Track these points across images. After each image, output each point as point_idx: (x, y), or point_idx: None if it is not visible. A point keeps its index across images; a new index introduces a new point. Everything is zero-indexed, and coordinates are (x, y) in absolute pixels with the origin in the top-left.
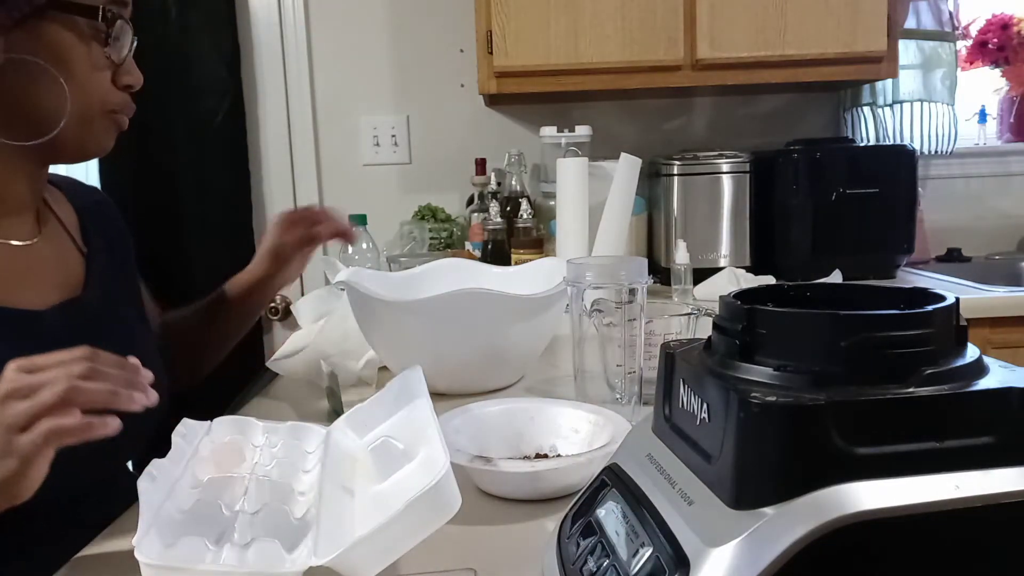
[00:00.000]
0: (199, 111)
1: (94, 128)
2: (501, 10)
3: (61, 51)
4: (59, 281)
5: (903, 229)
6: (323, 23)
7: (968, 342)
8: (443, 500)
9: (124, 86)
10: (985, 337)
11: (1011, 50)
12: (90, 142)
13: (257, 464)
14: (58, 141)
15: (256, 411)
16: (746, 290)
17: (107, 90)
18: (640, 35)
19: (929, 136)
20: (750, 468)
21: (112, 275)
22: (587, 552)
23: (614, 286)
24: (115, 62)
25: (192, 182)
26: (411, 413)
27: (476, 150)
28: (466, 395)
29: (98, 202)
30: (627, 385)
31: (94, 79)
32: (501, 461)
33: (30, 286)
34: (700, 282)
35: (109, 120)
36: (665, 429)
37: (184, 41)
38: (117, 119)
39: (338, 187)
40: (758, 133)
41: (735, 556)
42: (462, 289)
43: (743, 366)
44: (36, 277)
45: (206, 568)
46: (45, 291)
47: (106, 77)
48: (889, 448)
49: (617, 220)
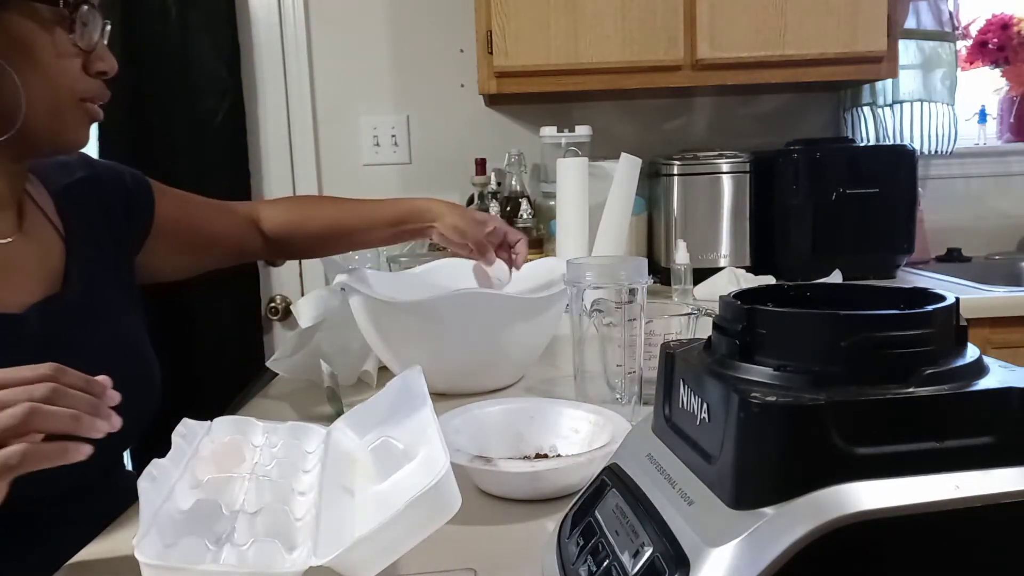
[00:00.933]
0: (199, 111)
1: (66, 119)
2: (501, 10)
3: (23, 41)
4: (41, 276)
5: (903, 229)
6: (323, 23)
7: (968, 342)
8: (443, 500)
9: (97, 72)
10: (985, 337)
11: (1011, 50)
12: (64, 134)
13: (257, 464)
14: (29, 134)
15: (256, 411)
16: (746, 290)
17: (76, 78)
18: (640, 35)
19: (929, 136)
20: (750, 468)
21: (95, 259)
22: (587, 552)
23: (614, 286)
24: (83, 49)
25: (192, 182)
26: (411, 413)
27: (476, 150)
28: (466, 395)
29: (79, 179)
30: (627, 385)
31: (61, 67)
32: (501, 461)
33: (9, 286)
34: (700, 282)
35: (81, 110)
36: (665, 429)
37: (184, 41)
38: (90, 109)
39: (338, 187)
40: (758, 133)
41: (735, 556)
42: (462, 289)
43: (743, 366)
44: (16, 276)
45: (206, 568)
46: (27, 289)
47: (74, 65)
48: (889, 448)
49: (617, 220)
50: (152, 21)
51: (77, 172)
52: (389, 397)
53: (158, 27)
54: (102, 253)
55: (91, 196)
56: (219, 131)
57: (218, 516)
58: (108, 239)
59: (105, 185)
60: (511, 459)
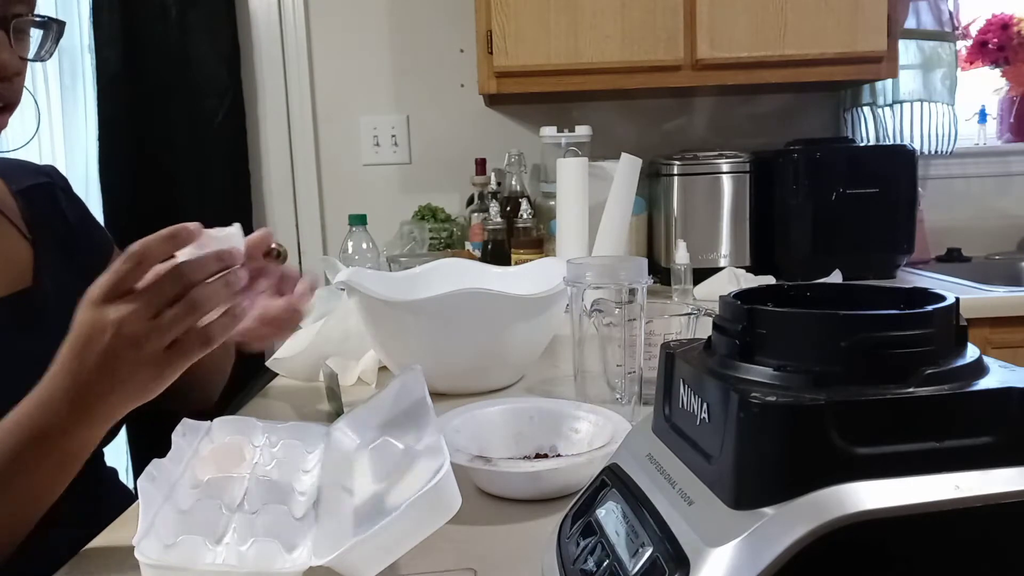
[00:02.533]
0: (199, 111)
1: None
2: (501, 10)
3: None
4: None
5: (903, 229)
6: (323, 23)
7: (968, 342)
8: (443, 500)
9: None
10: (985, 337)
11: (1011, 50)
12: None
13: (257, 464)
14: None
15: (256, 411)
16: (746, 290)
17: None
18: (640, 35)
19: (929, 136)
20: (750, 468)
21: (63, 262)
22: (587, 552)
23: (614, 286)
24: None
25: (192, 182)
26: (411, 414)
27: (476, 150)
28: (466, 395)
29: (41, 184)
30: (627, 385)
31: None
32: (501, 461)
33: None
34: (700, 282)
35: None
36: (665, 429)
37: (184, 41)
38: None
39: (338, 187)
40: (758, 133)
41: (735, 556)
42: (462, 289)
43: (743, 366)
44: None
45: (206, 568)
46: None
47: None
48: (889, 448)
49: (617, 220)
50: (152, 21)
51: (40, 176)
52: (389, 397)
53: (158, 27)
54: (68, 258)
55: (56, 202)
56: (219, 131)
57: (218, 516)
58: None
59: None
60: (511, 459)
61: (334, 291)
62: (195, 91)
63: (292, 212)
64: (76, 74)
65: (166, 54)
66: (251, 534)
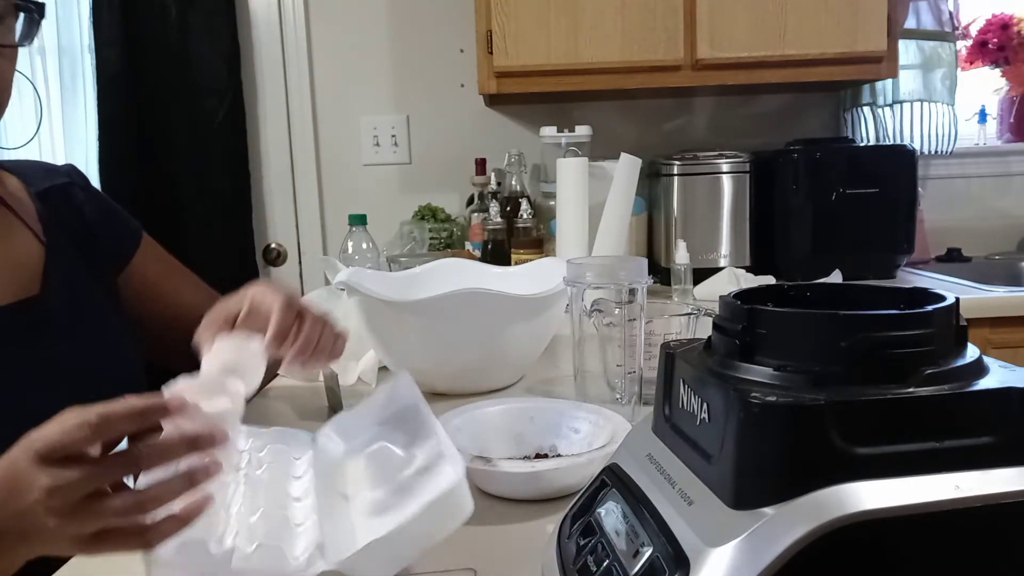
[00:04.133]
0: (199, 111)
1: None
2: (501, 10)
3: None
4: (12, 279)
5: (903, 229)
6: (323, 23)
7: (968, 342)
8: (458, 504)
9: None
10: (985, 337)
11: (1011, 50)
12: None
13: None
14: None
15: (255, 411)
16: (746, 290)
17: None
18: (640, 35)
19: (929, 136)
20: (750, 468)
21: (78, 267)
22: (587, 552)
23: (614, 286)
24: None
25: (192, 182)
26: (407, 418)
27: (476, 150)
28: (466, 395)
29: (60, 186)
30: (627, 385)
31: None
32: (501, 461)
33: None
34: (700, 282)
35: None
36: (665, 429)
37: (184, 41)
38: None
39: (338, 187)
40: (758, 133)
41: (735, 556)
42: (462, 289)
43: (743, 366)
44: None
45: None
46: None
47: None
48: (889, 448)
49: (617, 220)
50: (152, 21)
51: (60, 178)
52: (378, 403)
53: (158, 27)
54: (83, 261)
55: (76, 206)
56: (219, 131)
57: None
58: (90, 250)
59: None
60: (511, 459)
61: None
62: (195, 91)
63: (292, 212)
64: (76, 74)
65: (166, 54)
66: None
